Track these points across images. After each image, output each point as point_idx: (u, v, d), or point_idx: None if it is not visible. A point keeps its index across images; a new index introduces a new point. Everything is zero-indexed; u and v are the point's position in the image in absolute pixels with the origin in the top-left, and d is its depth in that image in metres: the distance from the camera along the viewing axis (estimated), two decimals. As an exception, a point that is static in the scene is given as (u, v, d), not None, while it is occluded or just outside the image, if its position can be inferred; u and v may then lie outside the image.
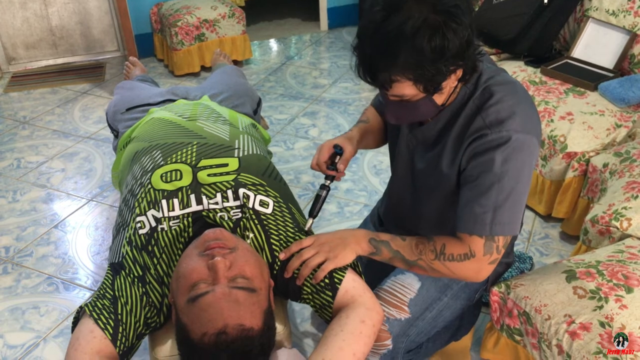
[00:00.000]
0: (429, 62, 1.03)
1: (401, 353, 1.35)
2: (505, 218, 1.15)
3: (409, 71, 1.04)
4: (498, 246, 1.17)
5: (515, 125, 1.12)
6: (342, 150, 1.36)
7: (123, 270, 1.19)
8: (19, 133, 3.08)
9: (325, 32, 4.57)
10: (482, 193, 1.15)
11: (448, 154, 1.22)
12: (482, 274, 1.21)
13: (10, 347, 1.80)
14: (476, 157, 1.15)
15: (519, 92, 1.19)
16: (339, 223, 2.33)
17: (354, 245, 1.23)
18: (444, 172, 1.23)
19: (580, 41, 2.55)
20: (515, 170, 1.13)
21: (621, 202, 1.76)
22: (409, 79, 1.06)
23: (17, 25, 3.78)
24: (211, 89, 1.97)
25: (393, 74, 1.06)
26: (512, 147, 1.12)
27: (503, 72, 1.24)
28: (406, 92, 1.09)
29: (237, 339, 1.00)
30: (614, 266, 1.42)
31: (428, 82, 1.07)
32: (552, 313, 1.34)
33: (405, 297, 1.35)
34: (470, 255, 1.18)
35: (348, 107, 3.30)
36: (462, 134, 1.19)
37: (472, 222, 1.16)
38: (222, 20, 3.67)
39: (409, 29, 1.01)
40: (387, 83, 1.08)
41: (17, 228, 2.33)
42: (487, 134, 1.13)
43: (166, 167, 1.35)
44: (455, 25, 1.03)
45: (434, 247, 1.21)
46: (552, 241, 2.21)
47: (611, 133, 2.15)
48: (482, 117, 1.15)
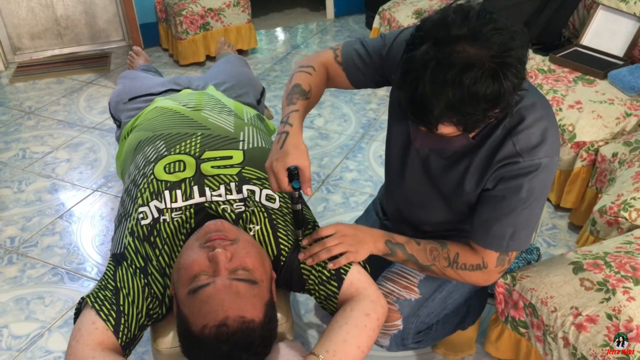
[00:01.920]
0: (480, 110, 0.98)
1: (411, 333, 1.37)
2: (522, 237, 1.19)
3: (457, 118, 0.99)
4: (510, 259, 1.23)
5: (545, 152, 1.13)
6: (296, 169, 1.16)
7: (125, 261, 1.19)
8: (24, 123, 3.08)
9: (331, 21, 4.53)
10: (505, 214, 1.17)
11: (473, 175, 1.21)
12: (489, 281, 1.28)
13: (15, 337, 1.81)
14: (504, 182, 1.16)
15: (548, 114, 1.16)
16: (344, 213, 2.32)
17: (371, 244, 1.26)
18: (466, 191, 1.24)
19: (589, 28, 2.51)
20: (539, 193, 1.16)
21: (630, 193, 1.74)
22: (453, 124, 1.01)
23: (22, 15, 3.77)
24: (214, 79, 1.96)
25: (441, 120, 0.99)
26: (541, 174, 1.14)
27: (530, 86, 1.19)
28: (446, 132, 1.04)
29: (238, 331, 0.99)
30: (622, 258, 1.40)
31: (470, 125, 1.02)
32: (558, 305, 1.33)
33: (415, 278, 1.37)
34: (483, 267, 1.23)
35: (354, 97, 3.28)
36: (490, 157, 1.17)
37: (491, 239, 1.20)
38: (227, 9, 3.65)
39: (469, 81, 0.93)
40: (433, 126, 1.02)
41: (22, 218, 2.33)
42: (519, 162, 1.13)
43: (169, 158, 1.34)
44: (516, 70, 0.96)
45: (448, 255, 1.25)
46: (560, 232, 2.19)
47: (621, 122, 2.11)
48: (512, 142, 1.14)
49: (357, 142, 2.82)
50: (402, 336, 1.36)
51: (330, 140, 2.86)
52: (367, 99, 3.25)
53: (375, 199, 1.69)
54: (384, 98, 3.25)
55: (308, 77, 1.28)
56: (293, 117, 1.19)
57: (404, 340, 1.37)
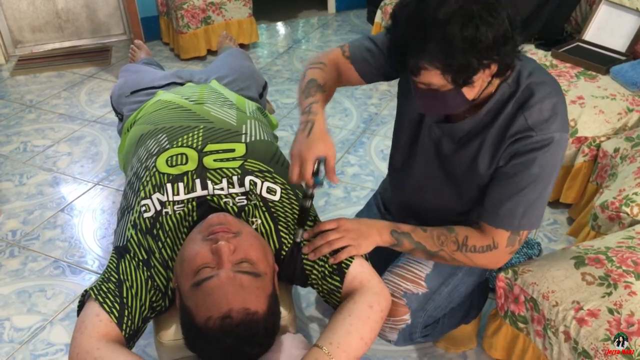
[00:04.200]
0: (459, 53, 0.99)
1: (419, 328, 1.37)
2: (534, 215, 1.18)
3: (438, 60, 1.01)
4: (520, 239, 1.22)
5: (557, 126, 1.13)
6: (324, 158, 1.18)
7: (128, 253, 1.19)
8: (25, 117, 3.08)
9: (332, 15, 4.52)
10: (517, 191, 1.17)
11: (486, 154, 1.21)
12: (500, 263, 1.26)
13: (17, 330, 1.81)
14: (517, 157, 1.16)
15: (558, 91, 1.19)
16: (346, 208, 2.32)
17: (376, 236, 1.25)
18: (479, 172, 1.23)
19: (592, 24, 2.50)
20: (551, 171, 1.16)
21: (632, 188, 1.74)
22: (437, 68, 1.03)
23: (23, 9, 3.76)
24: (216, 72, 1.95)
25: (421, 61, 1.02)
26: (553, 149, 1.14)
27: (539, 66, 1.22)
28: (434, 82, 1.06)
29: (242, 322, 1.00)
30: (624, 252, 1.40)
31: (457, 74, 1.03)
32: (560, 299, 1.33)
33: (422, 273, 1.37)
34: (493, 247, 1.22)
35: (355, 91, 3.27)
36: (502, 134, 1.17)
37: (502, 217, 1.19)
38: (229, 2, 3.64)
39: (442, 15, 0.98)
40: (416, 69, 1.05)
41: (23, 211, 2.34)
42: (532, 136, 1.13)
43: (172, 151, 1.34)
44: (492, 18, 0.99)
45: (456, 238, 1.24)
46: (561, 227, 2.19)
47: (623, 117, 2.11)
48: (524, 117, 1.14)
49: (359, 137, 2.82)
50: (410, 330, 1.35)
51: (332, 134, 2.85)
52: (368, 94, 3.24)
53: (376, 192, 1.69)
54: (385, 93, 3.24)
55: (321, 72, 1.29)
56: (315, 107, 1.19)
57: (412, 334, 1.37)
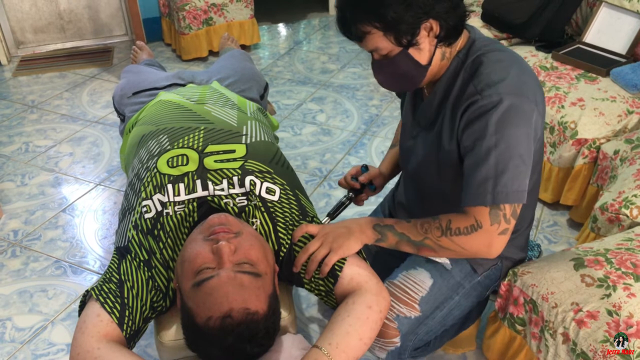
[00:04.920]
0: (392, 8, 1.05)
1: (408, 350, 1.35)
2: (508, 185, 1.10)
3: (373, 17, 1.07)
4: (505, 214, 1.12)
5: (506, 88, 1.08)
6: (367, 169, 1.55)
7: (129, 254, 1.20)
8: (27, 117, 3.09)
9: (334, 17, 4.52)
10: (479, 161, 1.10)
11: (446, 129, 1.19)
12: (494, 248, 1.15)
13: (18, 330, 1.82)
14: (470, 125, 1.12)
15: (514, 59, 1.15)
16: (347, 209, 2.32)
17: (358, 234, 1.22)
18: (445, 149, 1.20)
19: (592, 26, 2.51)
20: (512, 135, 1.09)
21: (631, 190, 1.74)
22: (376, 28, 1.08)
23: (25, 9, 3.77)
24: (218, 73, 1.96)
25: (359, 22, 1.09)
26: (505, 110, 1.08)
27: (498, 43, 1.21)
28: (379, 45, 1.11)
29: (243, 322, 1.00)
30: (623, 254, 1.40)
31: (397, 33, 1.08)
32: (559, 301, 1.33)
33: (417, 295, 1.33)
34: (478, 227, 1.13)
35: (356, 93, 3.28)
36: (456, 105, 1.17)
37: (474, 192, 1.12)
38: (230, 4, 3.65)
39: None
40: (360, 34, 1.11)
41: (25, 212, 2.34)
42: (478, 100, 1.10)
43: (173, 152, 1.34)
44: None
45: (440, 224, 1.17)
46: (561, 229, 2.19)
47: (623, 119, 2.12)
48: (473, 85, 1.13)
49: (359, 138, 2.83)
50: (399, 352, 1.33)
51: (333, 136, 2.86)
52: (369, 95, 3.25)
53: (384, 200, 1.70)
54: (386, 95, 3.25)
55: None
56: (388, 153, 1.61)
57: (400, 355, 1.34)
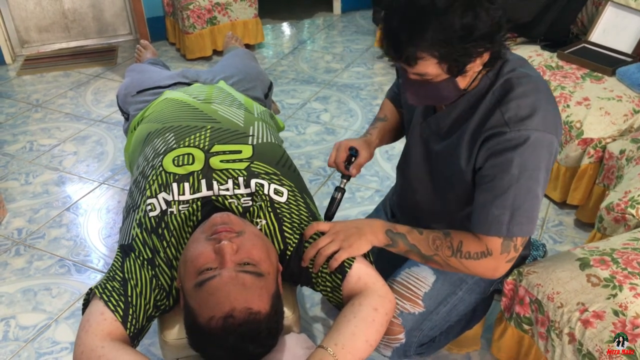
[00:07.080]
0: (457, 41, 1.00)
1: (414, 347, 1.35)
2: (524, 219, 1.13)
3: (436, 48, 1.01)
4: (516, 245, 1.17)
5: (535, 124, 1.09)
6: (357, 153, 1.42)
7: (133, 252, 1.19)
8: (31, 116, 3.09)
9: (338, 16, 4.52)
10: (499, 195, 1.13)
11: (465, 147, 1.18)
12: (498, 272, 1.20)
13: (22, 328, 1.82)
14: (493, 157, 1.12)
15: (542, 88, 1.15)
16: (350, 208, 2.32)
17: (369, 235, 1.22)
18: (460, 167, 1.21)
19: (598, 25, 2.49)
20: (533, 171, 1.11)
21: (637, 190, 1.73)
22: (434, 57, 1.03)
23: (30, 9, 3.77)
24: (222, 72, 1.96)
25: (419, 50, 1.02)
26: (531, 147, 1.09)
27: (527, 64, 1.19)
28: (429, 71, 1.06)
29: (245, 322, 1.00)
30: (629, 254, 1.39)
31: (453, 63, 1.04)
32: (564, 301, 1.33)
33: (420, 291, 1.33)
34: (488, 254, 1.17)
35: (360, 92, 3.27)
36: (479, 128, 1.15)
37: (489, 224, 1.15)
38: (234, 3, 3.64)
39: (442, 2, 0.98)
40: (412, 60, 1.05)
41: (29, 210, 2.35)
42: (506, 132, 1.10)
43: (179, 151, 1.34)
44: (488, 4, 1.00)
45: (451, 243, 1.19)
46: (566, 228, 2.18)
47: (629, 119, 2.10)
48: (501, 112, 1.12)
49: (364, 138, 2.82)
50: (404, 349, 1.33)
51: (337, 135, 2.86)
52: (373, 95, 3.24)
53: (385, 198, 1.69)
54: (391, 94, 3.24)
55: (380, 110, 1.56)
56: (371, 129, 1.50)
57: (406, 352, 1.34)
